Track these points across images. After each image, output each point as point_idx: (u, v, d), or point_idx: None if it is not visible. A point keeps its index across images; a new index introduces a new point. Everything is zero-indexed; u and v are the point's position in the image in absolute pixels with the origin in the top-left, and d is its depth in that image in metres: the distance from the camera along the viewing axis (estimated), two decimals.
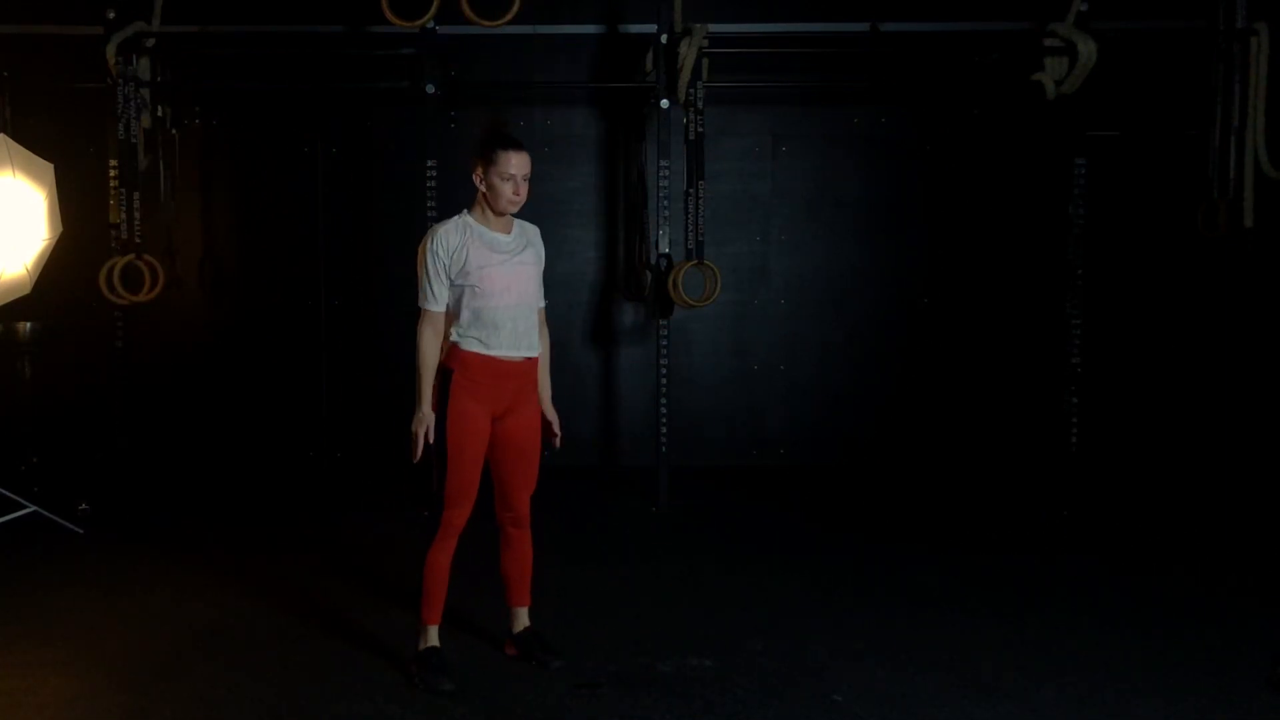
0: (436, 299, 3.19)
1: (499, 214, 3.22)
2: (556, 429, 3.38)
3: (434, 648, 3.27)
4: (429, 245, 3.20)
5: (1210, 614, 3.86)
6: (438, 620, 3.29)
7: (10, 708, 3.06)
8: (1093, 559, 4.56)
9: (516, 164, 3.17)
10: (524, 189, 3.21)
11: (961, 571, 4.39)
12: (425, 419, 3.15)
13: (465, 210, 3.27)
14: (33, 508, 4.88)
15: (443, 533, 3.23)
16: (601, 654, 3.43)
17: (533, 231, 3.36)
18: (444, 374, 3.20)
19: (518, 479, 3.32)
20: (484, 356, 3.18)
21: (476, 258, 3.17)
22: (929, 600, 4.02)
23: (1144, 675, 3.29)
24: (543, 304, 3.36)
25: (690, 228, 5.40)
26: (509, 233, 3.27)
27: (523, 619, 3.44)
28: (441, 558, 3.25)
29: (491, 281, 3.16)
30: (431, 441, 3.15)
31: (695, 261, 5.37)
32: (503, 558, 3.41)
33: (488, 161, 3.17)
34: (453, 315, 3.22)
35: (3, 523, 4.77)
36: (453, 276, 3.18)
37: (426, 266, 3.19)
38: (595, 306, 6.49)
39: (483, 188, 3.21)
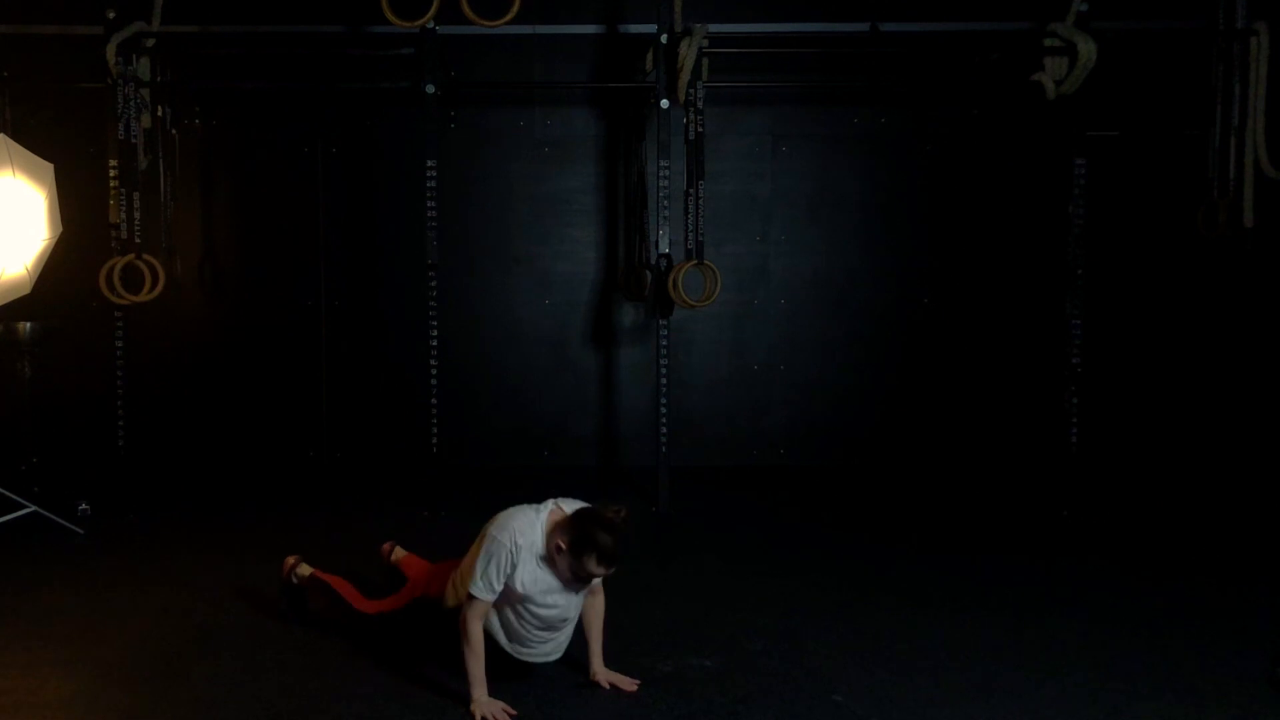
0: (493, 589, 3.02)
1: (559, 579, 3.06)
2: (626, 684, 3.20)
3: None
4: (508, 539, 3.01)
5: (1210, 614, 3.85)
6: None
7: (10, 708, 3.06)
8: (1093, 559, 4.56)
9: (601, 573, 3.01)
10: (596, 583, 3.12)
11: (962, 572, 4.39)
12: (482, 704, 2.99)
13: (539, 545, 3.04)
14: (33, 508, 4.87)
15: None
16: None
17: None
18: None
19: None
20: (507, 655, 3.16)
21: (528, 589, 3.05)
22: (929, 600, 4.02)
23: (1144, 675, 3.29)
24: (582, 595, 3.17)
25: (690, 228, 5.39)
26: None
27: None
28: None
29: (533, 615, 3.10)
30: None
31: (695, 261, 5.36)
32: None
33: (578, 554, 2.96)
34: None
35: (3, 523, 4.77)
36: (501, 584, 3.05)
37: (494, 556, 3.00)
38: (595, 306, 6.49)
39: (557, 554, 3.00)
